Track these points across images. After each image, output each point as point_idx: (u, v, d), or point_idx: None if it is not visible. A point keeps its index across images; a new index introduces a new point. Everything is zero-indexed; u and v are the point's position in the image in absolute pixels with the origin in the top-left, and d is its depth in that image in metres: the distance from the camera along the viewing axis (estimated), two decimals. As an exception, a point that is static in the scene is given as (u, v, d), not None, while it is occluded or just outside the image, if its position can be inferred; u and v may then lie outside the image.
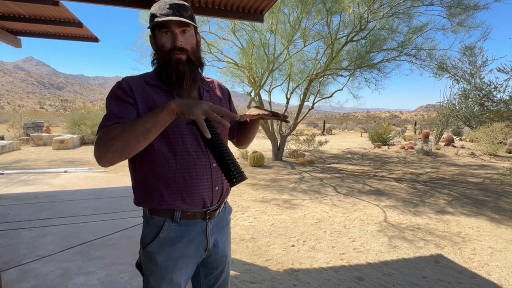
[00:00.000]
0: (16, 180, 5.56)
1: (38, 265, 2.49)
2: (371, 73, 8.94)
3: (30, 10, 4.23)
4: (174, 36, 0.98)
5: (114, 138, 0.82)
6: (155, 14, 0.98)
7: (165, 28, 0.97)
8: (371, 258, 2.90)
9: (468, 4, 6.61)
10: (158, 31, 0.99)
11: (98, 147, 0.83)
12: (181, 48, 0.98)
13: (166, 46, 0.98)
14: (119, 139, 0.81)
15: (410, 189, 5.79)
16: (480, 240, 3.38)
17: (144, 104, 0.97)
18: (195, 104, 0.80)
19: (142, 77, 1.02)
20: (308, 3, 6.92)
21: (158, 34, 0.99)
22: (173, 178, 0.99)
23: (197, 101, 0.81)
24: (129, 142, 0.81)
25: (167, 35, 0.98)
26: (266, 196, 5.06)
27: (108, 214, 3.75)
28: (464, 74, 8.43)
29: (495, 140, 10.41)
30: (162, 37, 0.99)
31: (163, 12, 0.97)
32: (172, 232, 1.02)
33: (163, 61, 0.99)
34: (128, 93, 0.95)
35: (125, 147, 0.81)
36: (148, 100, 0.97)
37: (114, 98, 0.96)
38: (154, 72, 1.05)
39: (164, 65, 0.99)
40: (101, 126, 0.90)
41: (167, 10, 0.97)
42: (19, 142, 11.09)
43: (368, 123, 29.70)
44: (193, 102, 0.81)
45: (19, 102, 77.34)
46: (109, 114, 0.92)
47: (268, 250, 3.02)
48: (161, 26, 0.98)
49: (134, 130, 0.81)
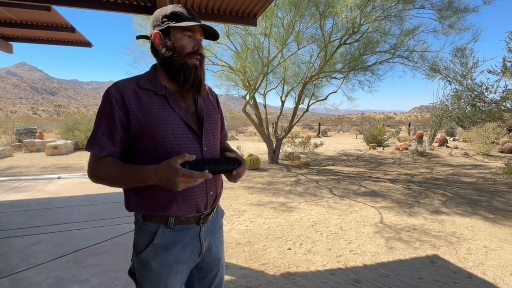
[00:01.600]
0: (8, 187, 5.47)
1: (31, 274, 2.44)
2: (364, 76, 9.04)
3: (22, 16, 4.19)
4: (197, 42, 1.03)
5: (100, 178, 0.98)
6: (180, 15, 0.99)
7: (190, 31, 1.00)
8: (367, 260, 2.90)
9: (458, 7, 6.74)
10: (178, 31, 1.00)
11: (89, 175, 1.00)
12: (201, 54, 1.03)
13: (187, 48, 1.00)
14: (105, 180, 0.98)
15: (405, 190, 5.82)
16: (474, 240, 3.41)
17: (139, 109, 0.96)
18: (172, 181, 0.87)
19: (135, 81, 1.01)
20: (301, 7, 6.98)
21: (178, 35, 1.00)
22: None
23: (171, 175, 0.87)
24: (112, 185, 0.99)
25: (189, 39, 1.01)
26: (262, 199, 5.05)
27: (102, 221, 3.71)
28: (456, 75, 8.56)
29: (487, 140, 10.55)
30: (183, 39, 1.00)
31: (189, 16, 1.00)
32: (166, 238, 1.01)
33: (181, 63, 1.00)
34: (114, 107, 0.95)
35: (110, 185, 1.00)
36: (143, 104, 0.97)
37: (101, 113, 0.98)
38: (148, 75, 1.04)
39: (181, 67, 1.00)
40: (87, 143, 1.00)
41: (188, 15, 1.01)
42: (12, 149, 10.93)
43: (363, 125, 29.86)
44: (169, 178, 0.87)
45: (11, 108, 76.43)
46: (94, 133, 0.99)
47: (265, 254, 3.01)
48: (185, 28, 1.00)
49: (116, 180, 0.97)
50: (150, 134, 0.96)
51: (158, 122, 0.96)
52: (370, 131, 14.68)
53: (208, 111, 1.10)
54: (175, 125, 0.98)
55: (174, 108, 1.00)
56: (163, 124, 0.96)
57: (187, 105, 1.05)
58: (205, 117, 1.07)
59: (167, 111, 0.98)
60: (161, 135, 0.96)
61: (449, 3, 6.66)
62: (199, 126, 1.05)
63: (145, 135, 0.96)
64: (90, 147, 0.99)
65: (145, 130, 0.95)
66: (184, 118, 1.01)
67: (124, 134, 0.97)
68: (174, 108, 1.00)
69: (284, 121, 19.80)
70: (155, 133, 0.95)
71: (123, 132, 0.97)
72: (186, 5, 2.98)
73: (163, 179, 0.87)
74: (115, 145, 0.97)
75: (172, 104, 1.00)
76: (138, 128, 0.96)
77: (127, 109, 0.95)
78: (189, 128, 1.01)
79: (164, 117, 0.97)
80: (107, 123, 0.96)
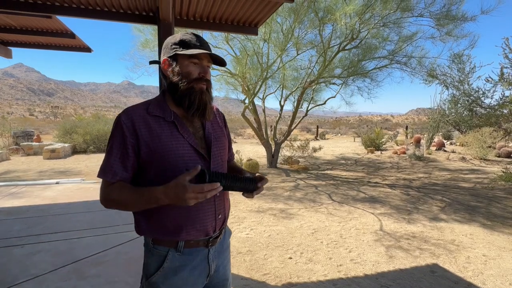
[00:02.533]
0: (6, 193, 5.43)
1: (31, 286, 2.43)
2: (363, 82, 9.09)
3: (22, 22, 4.19)
4: (204, 68, 1.04)
5: (113, 202, 0.99)
6: (188, 43, 1.01)
7: (197, 58, 1.02)
8: (368, 269, 2.91)
9: (455, 16, 6.81)
10: (185, 59, 1.02)
11: (101, 200, 1.00)
12: (207, 80, 1.04)
13: (193, 74, 1.02)
14: (117, 204, 0.99)
15: (404, 195, 5.86)
16: (473, 248, 3.43)
17: (149, 135, 0.98)
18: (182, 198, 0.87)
19: (145, 107, 1.03)
20: (301, 13, 7.02)
21: (185, 62, 1.02)
22: (177, 211, 0.99)
23: (180, 193, 0.87)
24: (124, 208, 0.99)
25: (195, 66, 1.02)
26: (262, 205, 5.06)
27: (102, 229, 3.69)
28: (453, 81, 8.65)
29: (484, 144, 10.63)
30: (189, 66, 1.02)
31: (197, 44, 1.01)
32: (176, 261, 1.03)
33: (187, 88, 1.01)
34: (125, 134, 0.98)
35: (122, 209, 1.00)
36: (152, 132, 0.99)
37: (113, 140, 1.00)
38: (157, 101, 1.06)
39: (187, 91, 1.01)
40: (99, 170, 1.00)
41: (195, 42, 1.02)
42: (9, 152, 10.86)
43: (361, 127, 30.03)
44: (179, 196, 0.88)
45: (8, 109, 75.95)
46: (105, 161, 1.00)
47: (266, 263, 3.01)
48: (192, 55, 1.01)
49: (129, 206, 0.98)
50: (159, 160, 0.98)
51: (167, 149, 0.98)
52: (368, 134, 14.75)
53: (216, 135, 1.12)
54: (184, 151, 1.00)
55: (182, 134, 1.01)
56: (172, 150, 0.98)
57: (195, 130, 1.07)
58: (213, 141, 1.08)
59: (176, 137, 1.00)
60: (170, 161, 0.98)
61: (447, 12, 6.75)
62: (207, 151, 1.06)
63: (155, 161, 0.98)
64: (102, 175, 1.00)
65: (155, 156, 0.97)
66: (193, 143, 1.02)
67: (135, 159, 0.99)
68: (183, 134, 1.02)
69: (282, 124, 19.84)
70: (165, 159, 0.97)
71: (134, 158, 0.99)
72: (188, 16, 3.00)
73: (173, 197, 0.88)
74: (127, 171, 0.99)
75: (180, 130, 1.02)
76: (147, 154, 0.98)
77: (137, 136, 0.98)
78: (197, 153, 1.03)
79: (173, 143, 0.99)
80: (118, 149, 0.98)
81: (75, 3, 2.74)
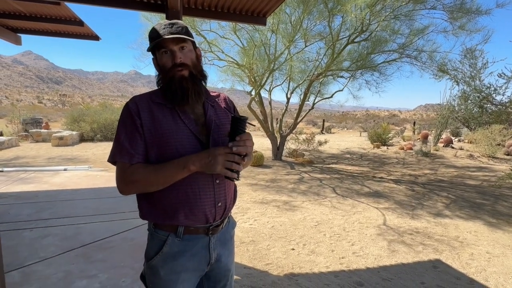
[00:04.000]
0: (16, 178, 5.55)
1: (40, 268, 2.50)
2: (372, 75, 8.95)
3: (31, 9, 4.20)
4: (173, 53, 1.01)
5: (136, 182, 0.98)
6: (152, 36, 1.02)
7: (164, 47, 1.01)
8: (370, 262, 2.93)
9: (469, 9, 6.61)
10: (158, 52, 1.03)
11: (121, 184, 1.00)
12: (182, 64, 1.01)
13: (167, 65, 1.02)
14: (141, 184, 0.98)
15: (409, 191, 5.82)
16: (477, 245, 3.42)
17: (151, 122, 1.01)
18: (213, 162, 0.93)
19: (149, 96, 1.06)
20: (310, 3, 6.89)
21: (159, 55, 1.03)
22: (176, 194, 1.01)
23: (212, 155, 0.93)
24: (148, 188, 0.99)
25: (166, 55, 1.02)
26: (265, 197, 5.09)
27: (109, 215, 3.76)
28: (464, 76, 8.46)
29: (493, 142, 10.46)
30: (162, 57, 1.02)
31: (160, 33, 1.01)
32: (175, 247, 1.04)
33: (167, 80, 1.02)
34: (134, 118, 1.00)
35: (145, 189, 1.00)
36: (154, 118, 1.01)
37: (123, 124, 1.02)
38: (159, 90, 1.08)
39: (168, 84, 1.02)
40: (114, 155, 1.00)
41: (163, 30, 1.01)
42: (18, 138, 11.05)
43: (367, 122, 29.74)
44: (210, 159, 0.93)
45: (17, 97, 76.89)
46: (121, 144, 1.00)
47: (269, 253, 3.04)
48: (159, 46, 1.01)
49: (155, 181, 0.97)
50: (160, 145, 1.00)
51: (167, 134, 1.00)
52: (375, 129, 14.61)
53: (219, 122, 1.10)
54: (184, 136, 1.01)
55: (183, 119, 1.03)
56: (172, 136, 1.00)
57: (196, 116, 1.07)
58: (213, 127, 1.07)
59: (176, 124, 1.02)
60: (170, 147, 0.99)
61: (461, 4, 6.54)
62: (207, 137, 1.06)
63: (156, 146, 1.00)
64: (119, 157, 1.00)
65: (156, 142, 1.00)
66: (193, 129, 1.03)
67: (143, 143, 1.01)
68: (184, 119, 1.03)
69: (288, 116, 19.74)
70: (165, 144, 0.99)
71: (143, 140, 1.01)
72: (196, 4, 2.97)
73: (204, 162, 0.94)
74: (141, 153, 1.01)
75: (181, 116, 1.03)
76: (150, 139, 1.00)
77: (141, 121, 1.00)
78: (197, 139, 1.03)
79: (173, 129, 1.00)
80: (131, 132, 1.00)
81: (84, -10, 2.73)
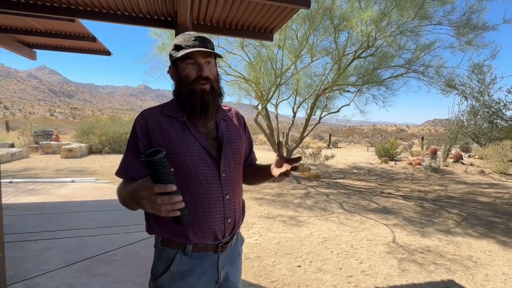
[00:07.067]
0: (24, 189, 5.61)
1: (43, 280, 2.48)
2: (378, 90, 8.96)
3: (47, 25, 4.37)
4: (199, 66, 1.00)
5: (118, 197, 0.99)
6: (180, 45, 1.01)
7: (191, 58, 0.99)
8: (379, 282, 2.82)
9: (476, 25, 6.64)
10: (181, 62, 1.01)
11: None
12: (206, 78, 1.00)
13: (191, 76, 1.00)
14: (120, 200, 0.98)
15: (418, 207, 5.68)
16: (492, 265, 3.27)
17: (160, 135, 1.00)
18: (139, 198, 0.78)
19: (160, 109, 1.05)
20: (316, 20, 7.03)
21: (182, 65, 1.01)
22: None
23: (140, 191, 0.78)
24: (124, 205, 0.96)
25: (192, 66, 1.00)
26: (271, 211, 5.01)
27: (113, 228, 3.75)
28: (472, 91, 8.42)
29: (505, 158, 10.21)
30: (186, 68, 1.00)
31: (189, 44, 1.00)
32: (183, 265, 1.01)
33: (187, 91, 1.00)
34: (138, 136, 1.02)
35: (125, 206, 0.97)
36: (164, 132, 1.00)
37: (129, 140, 1.04)
38: (172, 102, 1.07)
39: (188, 95, 1.00)
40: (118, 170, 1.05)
41: (193, 42, 1.00)
42: (29, 150, 11.26)
43: (375, 137, 29.50)
44: (139, 194, 0.78)
45: (30, 109, 79.09)
46: (122, 160, 1.04)
47: (274, 270, 2.97)
48: (185, 57, 0.99)
49: (124, 200, 0.94)
50: (169, 159, 0.97)
51: (177, 148, 0.97)
52: (382, 144, 14.46)
53: (230, 136, 1.09)
54: (194, 150, 0.99)
55: (194, 134, 1.01)
56: (182, 150, 0.98)
57: (208, 130, 1.06)
58: (225, 142, 1.06)
59: (187, 137, 1.00)
60: (180, 161, 0.97)
61: (467, 20, 6.58)
62: (218, 152, 1.04)
63: None
64: (118, 173, 1.04)
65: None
66: (204, 143, 1.01)
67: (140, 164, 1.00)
68: (194, 134, 1.01)
69: (294, 131, 19.77)
70: (174, 158, 0.97)
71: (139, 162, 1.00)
72: (205, 21, 3.05)
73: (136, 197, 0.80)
74: (137, 170, 1.00)
75: (192, 130, 1.01)
76: None
77: (149, 136, 0.99)
78: (208, 153, 1.01)
79: (183, 143, 0.98)
80: (132, 149, 1.01)
81: (98, 8, 2.84)
